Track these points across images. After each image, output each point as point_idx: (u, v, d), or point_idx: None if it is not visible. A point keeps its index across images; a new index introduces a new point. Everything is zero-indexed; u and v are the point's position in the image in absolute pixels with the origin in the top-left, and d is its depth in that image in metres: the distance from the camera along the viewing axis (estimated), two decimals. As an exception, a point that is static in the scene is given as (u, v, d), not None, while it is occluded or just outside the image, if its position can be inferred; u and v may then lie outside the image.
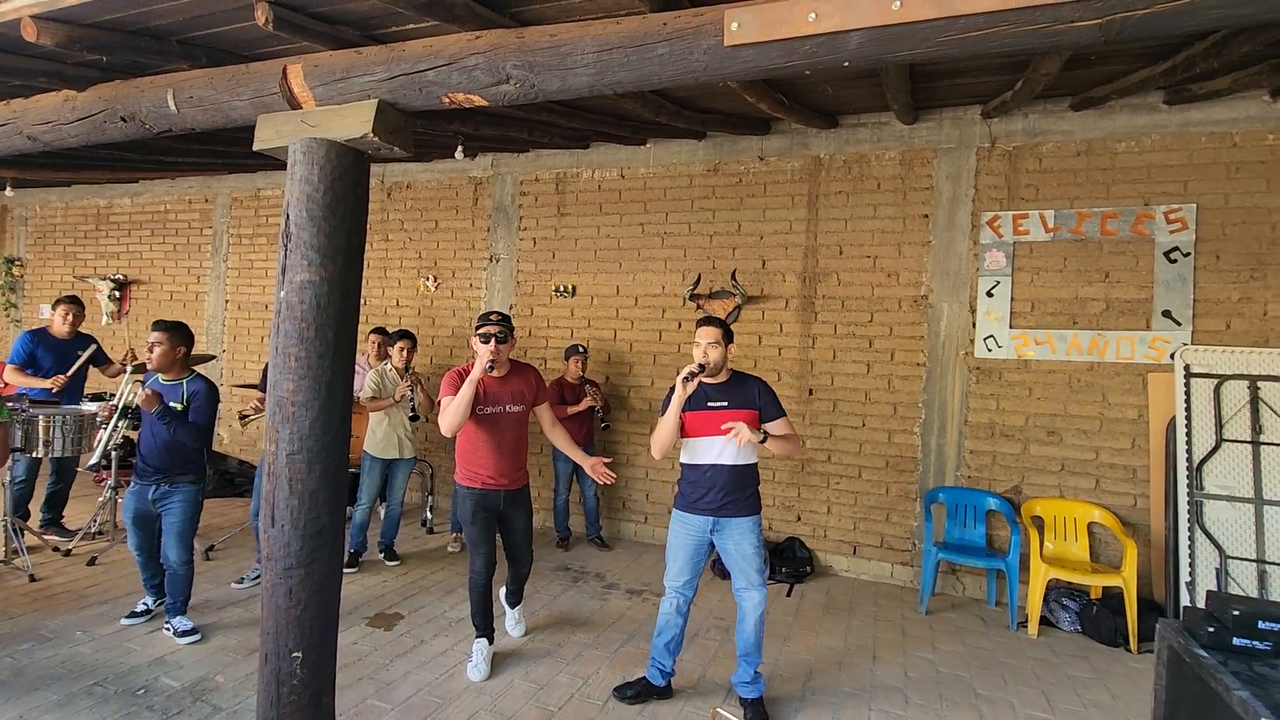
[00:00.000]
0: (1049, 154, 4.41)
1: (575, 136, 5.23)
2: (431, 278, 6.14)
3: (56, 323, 4.85)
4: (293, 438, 2.27)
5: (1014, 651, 3.72)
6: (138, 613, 3.54)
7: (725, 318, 4.73)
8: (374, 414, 4.60)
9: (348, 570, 4.34)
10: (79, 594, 3.85)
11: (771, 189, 5.07)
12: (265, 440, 2.36)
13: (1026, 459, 4.43)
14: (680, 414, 2.87)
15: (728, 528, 2.92)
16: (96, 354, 5.02)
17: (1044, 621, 4.02)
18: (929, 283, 4.64)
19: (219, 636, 3.43)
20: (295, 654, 2.29)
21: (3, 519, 4.21)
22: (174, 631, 3.37)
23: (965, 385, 4.56)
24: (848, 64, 1.88)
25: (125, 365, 4.61)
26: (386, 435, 4.61)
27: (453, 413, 3.02)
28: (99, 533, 4.70)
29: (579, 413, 4.87)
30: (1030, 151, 4.45)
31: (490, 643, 3.28)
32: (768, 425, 2.92)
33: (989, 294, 4.49)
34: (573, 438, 3.51)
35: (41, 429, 4.22)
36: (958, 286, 4.57)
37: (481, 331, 3.10)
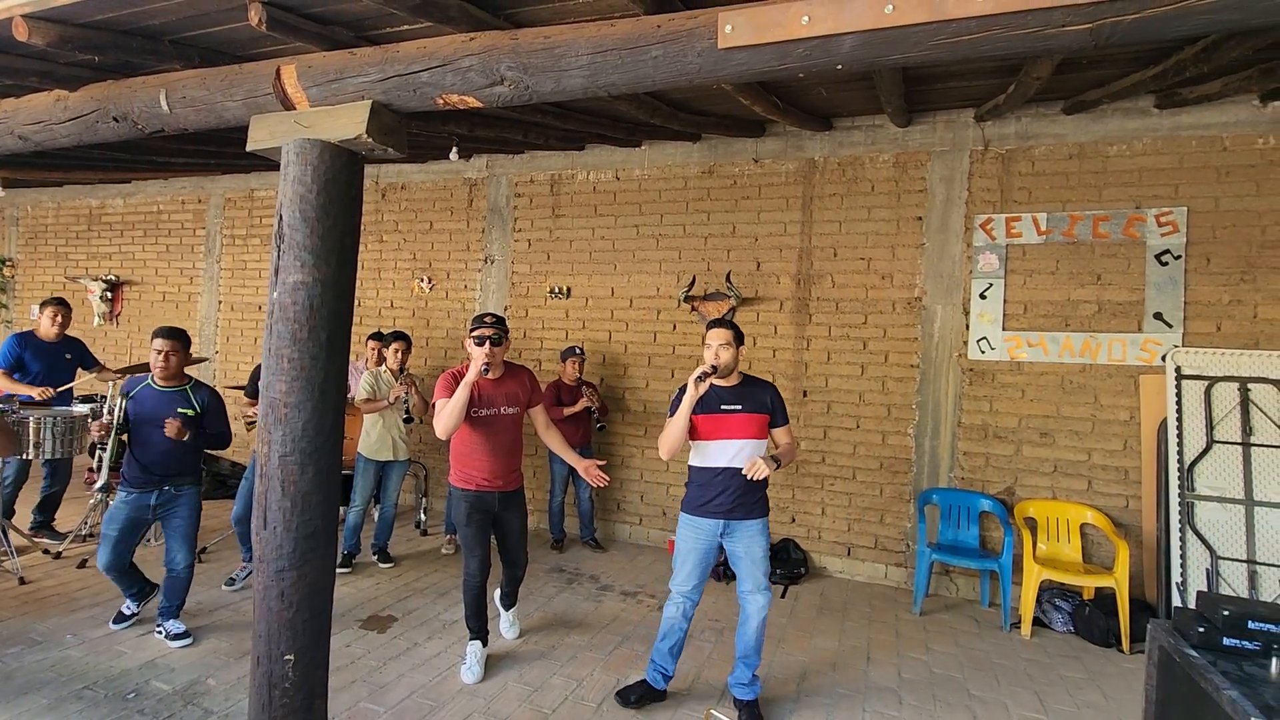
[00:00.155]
0: (1041, 157, 4.43)
1: (570, 138, 5.23)
2: (426, 279, 6.12)
3: (44, 325, 4.79)
4: (285, 439, 2.26)
5: (1007, 652, 3.74)
6: (125, 615, 3.51)
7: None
8: (368, 416, 4.59)
9: (341, 572, 4.32)
10: (69, 597, 3.82)
11: (766, 191, 5.08)
12: (258, 442, 2.35)
13: (1019, 460, 4.45)
14: (691, 416, 2.85)
15: (739, 530, 2.91)
16: (84, 357, 5.01)
17: (1037, 622, 4.04)
18: (922, 285, 4.66)
19: (210, 639, 3.41)
20: (288, 657, 2.28)
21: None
22: (166, 634, 3.35)
23: (958, 387, 4.57)
24: (841, 67, 1.89)
25: (110, 378, 4.63)
26: (381, 437, 4.59)
27: (447, 415, 3.01)
28: (89, 535, 4.67)
29: (575, 414, 4.86)
30: (1023, 154, 4.47)
31: (484, 645, 3.27)
32: (774, 432, 2.97)
33: (982, 296, 4.51)
34: (569, 440, 3.51)
35: (32, 430, 4.19)
36: (951, 289, 4.59)
37: (476, 334, 3.09)
